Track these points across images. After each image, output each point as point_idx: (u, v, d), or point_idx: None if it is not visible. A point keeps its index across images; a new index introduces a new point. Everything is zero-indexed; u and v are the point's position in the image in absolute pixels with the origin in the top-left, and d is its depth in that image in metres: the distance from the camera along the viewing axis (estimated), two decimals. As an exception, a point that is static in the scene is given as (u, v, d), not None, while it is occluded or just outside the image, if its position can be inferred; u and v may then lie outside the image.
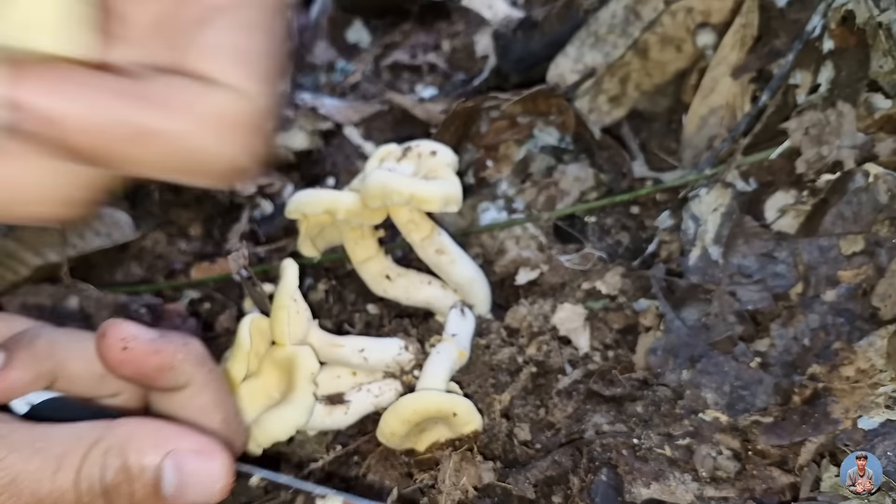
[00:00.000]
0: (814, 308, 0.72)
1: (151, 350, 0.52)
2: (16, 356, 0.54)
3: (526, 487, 0.64)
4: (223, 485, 0.48)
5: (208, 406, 0.56)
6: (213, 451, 0.48)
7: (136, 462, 0.46)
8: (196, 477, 0.47)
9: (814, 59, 0.81)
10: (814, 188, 0.77)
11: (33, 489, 0.45)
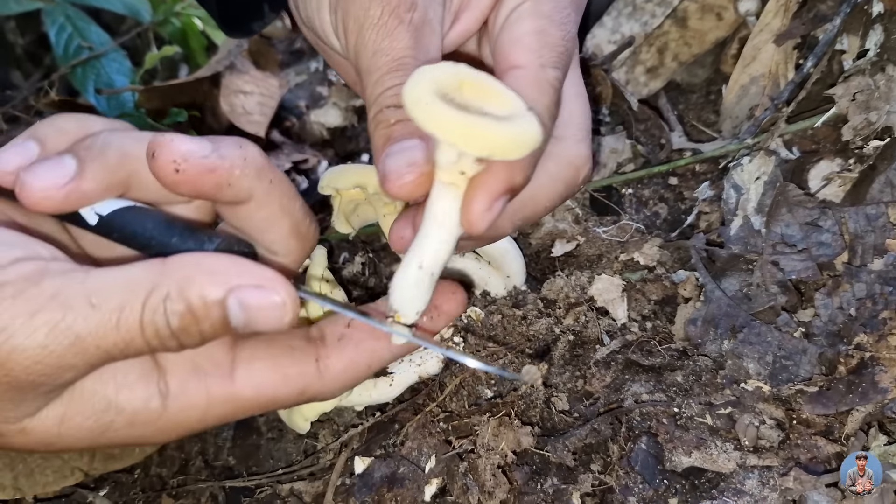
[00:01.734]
0: (860, 277, 0.70)
1: (206, 168, 0.50)
2: (88, 165, 0.51)
3: (564, 455, 0.64)
4: (290, 315, 0.48)
5: (275, 215, 0.55)
6: (275, 283, 0.48)
7: (200, 303, 0.46)
8: (262, 311, 0.47)
9: (862, 22, 0.79)
10: (861, 155, 0.75)
11: (98, 343, 0.45)
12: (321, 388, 0.56)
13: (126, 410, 0.51)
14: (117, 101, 1.08)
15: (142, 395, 0.51)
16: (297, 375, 0.55)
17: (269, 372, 0.55)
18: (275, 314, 0.48)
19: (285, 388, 0.55)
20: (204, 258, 0.48)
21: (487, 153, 0.47)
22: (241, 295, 0.47)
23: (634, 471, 0.62)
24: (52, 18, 1.14)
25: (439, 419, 0.70)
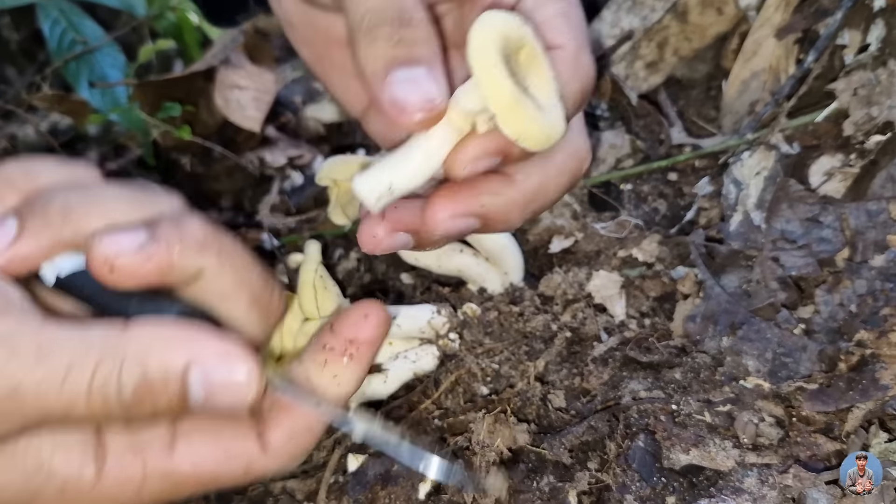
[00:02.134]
0: (861, 273, 0.69)
1: (142, 259, 0.45)
2: (28, 223, 0.47)
3: (561, 452, 0.63)
4: (254, 391, 0.44)
5: (229, 289, 0.49)
6: (239, 354, 0.44)
7: (159, 375, 0.42)
8: (225, 386, 0.44)
9: (864, 17, 0.78)
10: (862, 150, 0.74)
11: (37, 400, 0.42)
12: (266, 463, 0.50)
13: (58, 476, 0.46)
14: (111, 95, 1.06)
15: (77, 462, 0.46)
16: (239, 453, 0.50)
17: (210, 447, 0.49)
18: (239, 390, 0.44)
19: (227, 465, 0.49)
20: (166, 326, 0.44)
21: (517, 137, 0.46)
22: (205, 367, 0.43)
23: (632, 469, 0.61)
24: (46, 13, 1.13)
25: (434, 416, 0.69)
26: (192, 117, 1.07)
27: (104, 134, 1.22)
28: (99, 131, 1.21)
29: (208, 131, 1.10)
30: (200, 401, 0.43)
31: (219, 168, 1.09)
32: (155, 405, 0.43)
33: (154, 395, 0.43)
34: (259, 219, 1.02)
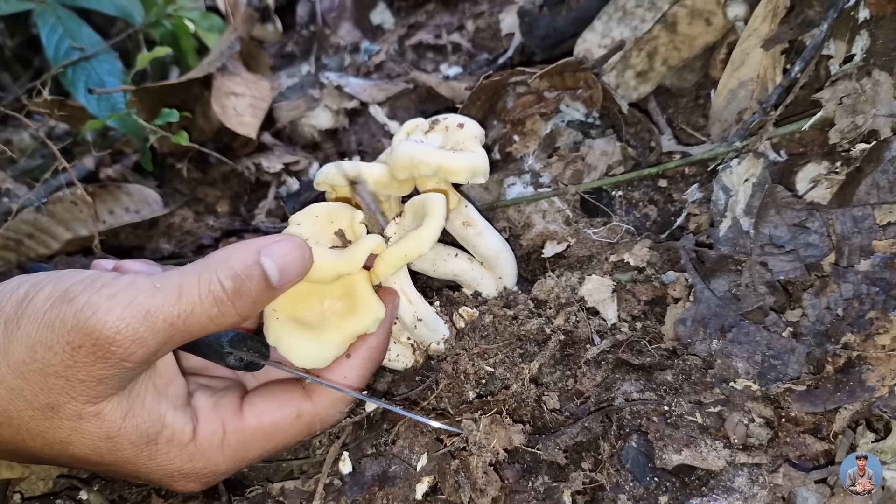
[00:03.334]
0: (847, 278, 0.71)
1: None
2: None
3: (556, 453, 0.64)
4: (309, 255, 0.62)
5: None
6: (290, 237, 0.62)
7: (242, 266, 0.57)
8: (289, 258, 0.60)
9: (848, 28, 0.80)
10: (847, 158, 0.76)
11: (164, 316, 0.55)
12: (313, 408, 0.66)
13: (169, 427, 0.61)
14: (108, 101, 1.07)
15: (182, 419, 0.62)
16: (288, 400, 0.66)
17: (266, 403, 0.66)
18: (300, 259, 0.61)
19: (280, 412, 0.65)
20: (232, 248, 0.59)
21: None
22: (269, 250, 0.59)
23: (625, 469, 0.63)
24: (44, 19, 1.14)
25: (431, 417, 0.70)
26: (189, 123, 1.08)
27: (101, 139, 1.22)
28: (96, 136, 1.22)
29: (205, 137, 1.11)
30: (277, 277, 0.59)
31: (215, 173, 1.10)
32: (251, 291, 0.58)
33: (247, 283, 0.58)
34: (255, 223, 1.03)
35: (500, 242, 0.80)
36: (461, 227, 0.77)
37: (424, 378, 0.73)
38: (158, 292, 0.56)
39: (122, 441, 0.59)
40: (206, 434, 0.63)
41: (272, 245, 0.60)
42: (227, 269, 0.57)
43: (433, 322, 0.74)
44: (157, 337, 0.55)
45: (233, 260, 0.58)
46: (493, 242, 0.79)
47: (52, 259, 0.94)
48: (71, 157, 1.16)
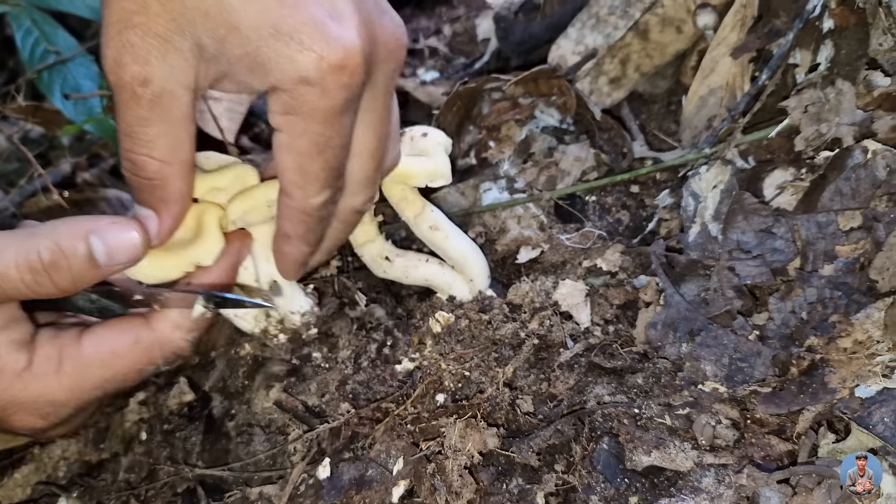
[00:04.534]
0: (811, 282, 0.73)
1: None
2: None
3: (529, 455, 0.66)
4: (142, 248, 0.59)
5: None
6: (127, 222, 0.59)
7: (67, 242, 0.56)
8: (120, 244, 0.58)
9: (813, 38, 0.82)
10: (812, 165, 0.78)
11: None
12: (151, 334, 0.66)
13: (1, 357, 0.60)
14: (85, 105, 1.07)
15: (16, 351, 0.61)
16: (126, 328, 0.66)
17: (105, 331, 0.65)
18: (131, 247, 0.58)
19: (118, 339, 0.65)
20: (67, 221, 0.58)
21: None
22: (101, 232, 0.57)
23: (597, 470, 0.64)
24: (19, 23, 1.13)
25: (407, 422, 0.71)
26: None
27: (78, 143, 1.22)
28: (72, 140, 1.21)
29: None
30: (104, 259, 0.58)
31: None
32: (70, 267, 0.57)
33: (67, 259, 0.56)
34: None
35: (468, 244, 0.81)
36: (428, 232, 0.78)
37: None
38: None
39: None
40: (41, 361, 0.63)
41: (106, 226, 0.58)
42: (50, 242, 0.56)
43: (287, 287, 0.74)
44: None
45: (59, 232, 0.57)
46: (462, 245, 0.80)
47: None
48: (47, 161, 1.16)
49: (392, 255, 0.80)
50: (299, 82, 0.54)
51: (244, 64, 0.55)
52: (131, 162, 0.58)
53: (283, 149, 0.59)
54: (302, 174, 0.60)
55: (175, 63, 0.54)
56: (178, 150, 0.58)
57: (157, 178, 0.59)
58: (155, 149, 0.57)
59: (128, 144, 0.57)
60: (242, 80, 0.57)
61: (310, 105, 0.55)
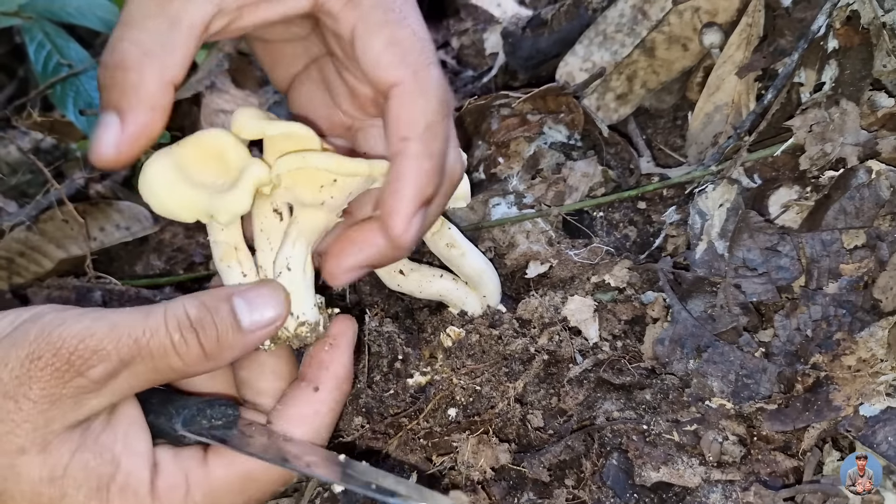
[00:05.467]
0: (816, 300, 0.74)
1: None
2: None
3: (540, 471, 0.67)
4: (285, 307, 0.58)
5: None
6: (265, 284, 0.58)
7: (211, 301, 0.55)
8: (264, 305, 0.56)
9: (818, 57, 0.84)
10: (817, 184, 0.79)
11: (129, 331, 0.52)
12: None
13: (123, 471, 0.54)
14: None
15: (140, 464, 0.55)
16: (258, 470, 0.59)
17: (235, 454, 0.58)
18: (275, 306, 0.57)
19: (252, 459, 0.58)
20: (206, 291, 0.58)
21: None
22: (243, 294, 0.56)
23: (606, 485, 0.66)
24: (31, 35, 1.14)
25: (419, 437, 0.72)
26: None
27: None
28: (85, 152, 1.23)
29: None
30: (248, 321, 0.56)
31: (204, 190, 1.11)
32: (216, 324, 0.55)
33: (212, 317, 0.55)
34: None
35: (484, 262, 0.82)
36: (445, 249, 0.79)
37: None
38: (126, 312, 0.54)
39: (67, 483, 0.52)
40: (167, 488, 0.55)
41: (246, 289, 0.57)
42: (195, 301, 0.55)
43: (299, 283, 0.62)
44: (121, 352, 0.51)
45: (201, 295, 0.56)
46: (477, 262, 0.81)
47: (44, 280, 0.95)
48: (59, 173, 1.18)
49: (406, 269, 0.82)
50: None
51: None
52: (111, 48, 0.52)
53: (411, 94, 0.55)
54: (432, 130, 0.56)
55: None
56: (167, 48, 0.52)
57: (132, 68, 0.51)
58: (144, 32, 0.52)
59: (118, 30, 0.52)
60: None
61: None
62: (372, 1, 0.56)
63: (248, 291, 0.57)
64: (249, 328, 0.56)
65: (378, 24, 0.56)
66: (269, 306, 0.57)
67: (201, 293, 0.56)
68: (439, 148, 0.58)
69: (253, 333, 0.56)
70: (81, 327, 0.51)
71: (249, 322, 0.56)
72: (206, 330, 0.54)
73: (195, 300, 0.55)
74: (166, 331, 0.53)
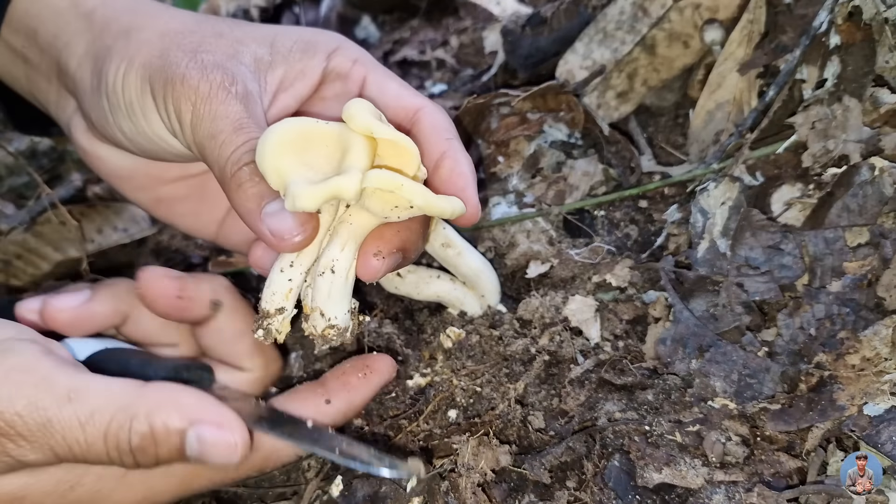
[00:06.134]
0: (819, 298, 0.73)
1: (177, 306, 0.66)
2: (98, 293, 0.67)
3: (541, 472, 0.66)
4: (240, 454, 0.56)
5: (242, 329, 0.68)
6: (232, 424, 0.56)
7: (162, 429, 0.54)
8: (216, 447, 0.55)
9: (820, 54, 0.83)
10: (820, 182, 0.79)
11: (64, 434, 0.52)
12: (272, 443, 0.64)
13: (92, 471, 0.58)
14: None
15: (106, 486, 0.59)
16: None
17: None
18: (226, 452, 0.55)
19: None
20: (177, 390, 0.56)
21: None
22: (201, 430, 0.55)
23: (608, 487, 0.65)
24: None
25: (419, 439, 0.72)
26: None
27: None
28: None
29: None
30: (195, 455, 0.55)
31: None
32: (157, 454, 0.55)
33: (156, 445, 0.54)
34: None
35: (481, 261, 0.81)
36: (441, 249, 0.79)
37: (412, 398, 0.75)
38: (68, 406, 0.53)
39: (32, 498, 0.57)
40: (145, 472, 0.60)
41: (209, 426, 0.55)
42: (146, 424, 0.53)
43: (339, 288, 0.62)
44: (53, 449, 0.53)
45: (159, 415, 0.54)
46: (474, 262, 0.81)
47: (41, 283, 0.95)
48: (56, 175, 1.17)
49: (403, 272, 0.81)
50: None
51: None
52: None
53: (435, 111, 0.68)
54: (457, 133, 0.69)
55: None
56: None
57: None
58: None
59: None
60: None
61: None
62: (370, 61, 0.71)
63: (210, 428, 0.55)
64: (195, 460, 0.56)
65: (384, 74, 0.71)
66: (222, 454, 0.56)
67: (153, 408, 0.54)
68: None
69: (195, 461, 0.56)
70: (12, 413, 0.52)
71: (198, 457, 0.55)
72: (146, 456, 0.55)
73: (147, 424, 0.53)
74: (104, 449, 0.53)
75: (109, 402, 0.54)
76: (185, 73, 0.62)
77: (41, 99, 0.76)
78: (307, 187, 0.56)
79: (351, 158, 0.59)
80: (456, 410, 0.74)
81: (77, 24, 0.70)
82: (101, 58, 0.67)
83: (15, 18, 0.73)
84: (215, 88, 0.62)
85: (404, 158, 0.61)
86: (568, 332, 0.78)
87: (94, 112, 0.68)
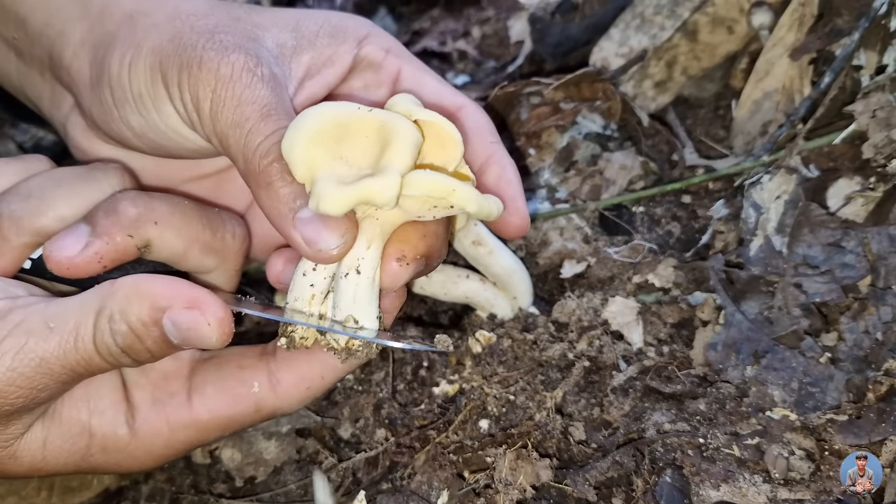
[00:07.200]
0: (886, 300, 0.67)
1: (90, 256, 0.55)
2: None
3: (586, 489, 0.60)
4: (219, 334, 0.52)
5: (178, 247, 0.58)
6: (204, 303, 0.51)
7: (139, 324, 0.51)
8: (192, 330, 0.51)
9: (880, 38, 0.77)
10: (883, 174, 0.73)
11: (62, 363, 0.50)
12: (275, 402, 0.60)
13: (97, 435, 0.56)
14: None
15: (110, 422, 0.57)
16: (246, 395, 0.59)
17: (221, 394, 0.59)
18: (205, 332, 0.51)
19: (237, 407, 0.59)
20: (143, 281, 0.52)
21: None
22: (173, 315, 0.51)
23: (660, 506, 0.59)
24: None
25: (449, 450, 0.66)
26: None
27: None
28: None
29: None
30: (179, 341, 0.52)
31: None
32: (148, 348, 0.52)
33: (141, 341, 0.51)
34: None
35: (514, 260, 0.76)
36: (471, 247, 0.74)
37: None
38: (52, 335, 0.50)
39: (50, 464, 0.56)
40: (148, 435, 0.58)
41: (180, 311, 0.51)
42: (123, 323, 0.51)
43: (366, 290, 0.56)
44: (59, 380, 0.51)
45: (131, 311, 0.51)
46: (506, 261, 0.75)
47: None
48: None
49: (430, 270, 0.76)
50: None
51: None
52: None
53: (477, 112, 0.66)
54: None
55: None
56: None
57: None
58: None
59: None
60: None
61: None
62: (404, 52, 0.67)
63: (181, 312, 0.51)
64: (184, 346, 0.53)
65: (420, 68, 0.67)
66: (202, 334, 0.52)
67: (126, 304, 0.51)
68: None
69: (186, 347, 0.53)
70: (4, 370, 0.49)
71: (183, 342, 0.52)
72: (138, 353, 0.52)
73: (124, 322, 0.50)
74: (101, 358, 0.51)
75: (88, 313, 0.51)
76: (202, 56, 0.56)
77: (33, 96, 0.70)
78: (335, 189, 0.50)
79: (390, 155, 0.52)
80: (488, 420, 0.68)
81: (72, 10, 0.63)
82: (103, 46, 0.61)
83: (4, 4, 0.66)
84: (238, 70, 0.56)
85: (448, 150, 0.55)
86: (608, 337, 0.73)
87: (94, 108, 0.62)
